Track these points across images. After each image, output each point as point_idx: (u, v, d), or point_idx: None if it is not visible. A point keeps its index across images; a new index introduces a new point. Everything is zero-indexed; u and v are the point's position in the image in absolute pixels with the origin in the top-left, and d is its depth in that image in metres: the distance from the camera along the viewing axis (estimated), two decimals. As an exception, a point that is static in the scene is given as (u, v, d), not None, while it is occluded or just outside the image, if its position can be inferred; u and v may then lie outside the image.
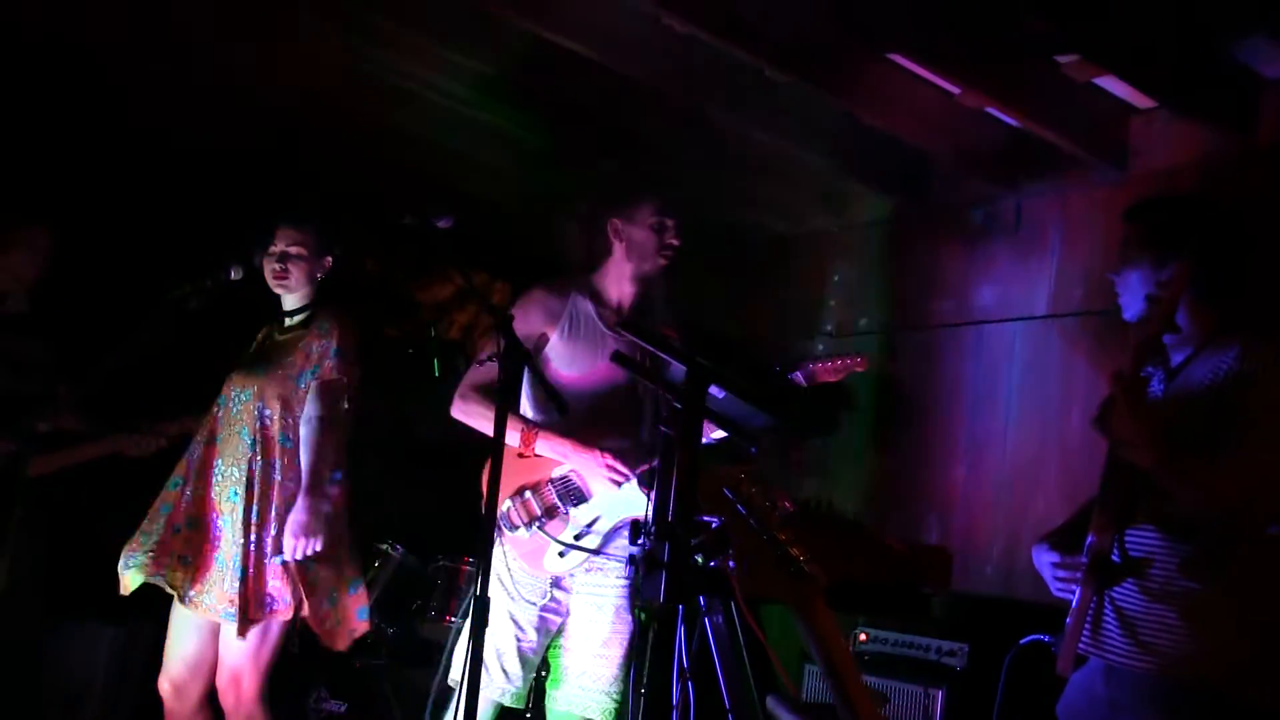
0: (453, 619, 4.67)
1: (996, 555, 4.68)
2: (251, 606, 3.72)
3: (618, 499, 3.62)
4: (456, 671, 3.63)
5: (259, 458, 3.82)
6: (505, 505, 3.68)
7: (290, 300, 4.02)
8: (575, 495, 3.68)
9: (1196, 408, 2.87)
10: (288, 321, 4.01)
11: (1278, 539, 2.82)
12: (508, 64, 4.50)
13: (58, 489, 4.55)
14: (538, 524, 3.65)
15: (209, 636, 3.83)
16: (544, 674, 3.84)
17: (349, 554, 3.94)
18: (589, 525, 3.65)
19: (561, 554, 3.63)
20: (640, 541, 2.76)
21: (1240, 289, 3.01)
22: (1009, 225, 4.91)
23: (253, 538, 3.76)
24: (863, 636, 4.40)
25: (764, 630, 2.55)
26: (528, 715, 4.06)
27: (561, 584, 3.71)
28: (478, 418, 3.73)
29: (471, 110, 4.86)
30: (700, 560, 2.58)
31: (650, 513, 2.70)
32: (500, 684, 3.62)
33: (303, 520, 3.74)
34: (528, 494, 3.69)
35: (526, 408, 3.83)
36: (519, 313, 3.81)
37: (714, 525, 2.43)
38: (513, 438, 3.65)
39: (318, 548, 3.74)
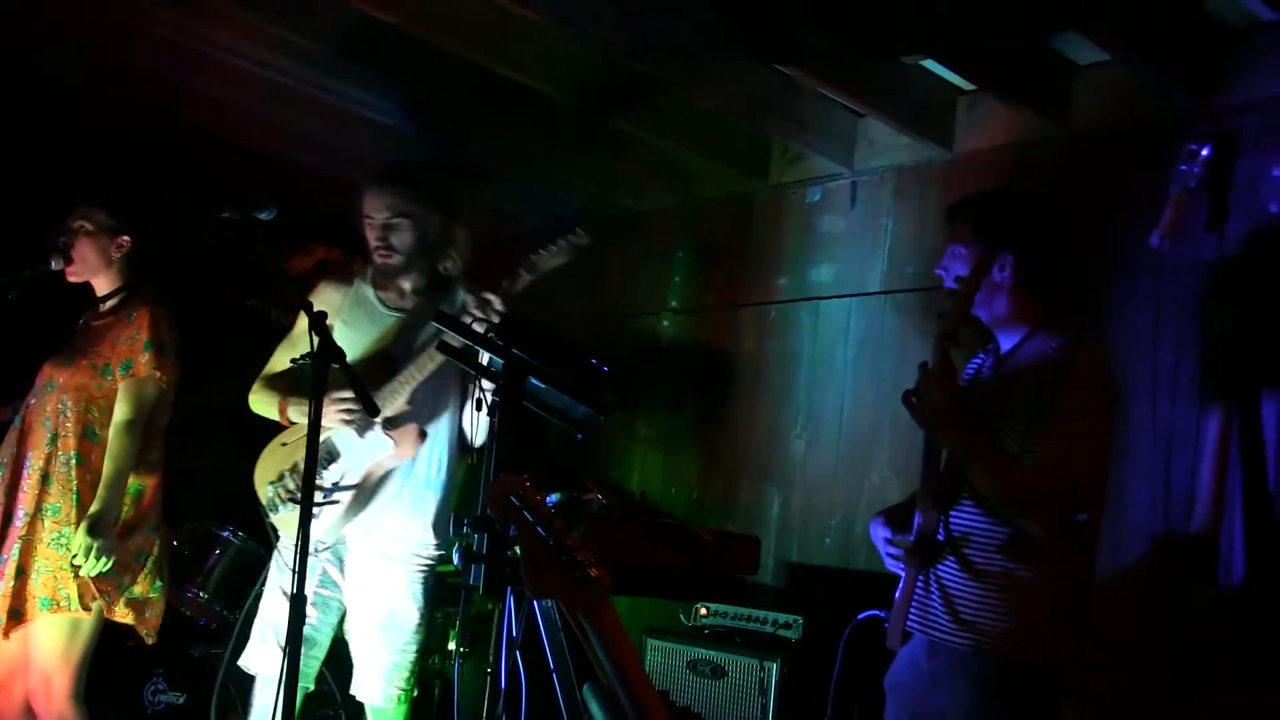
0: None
1: (834, 527, 4.79)
2: (28, 606, 3.65)
3: (360, 448, 3.63)
4: (247, 658, 3.69)
5: (58, 452, 3.75)
6: (269, 492, 3.72)
7: (101, 284, 3.93)
8: (327, 458, 3.68)
9: (1018, 394, 2.98)
10: (102, 307, 3.92)
11: (1086, 526, 2.96)
12: (346, 43, 4.44)
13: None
14: (292, 498, 3.67)
15: (21, 634, 3.74)
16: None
17: (155, 547, 3.90)
18: (337, 482, 3.65)
19: (319, 515, 3.63)
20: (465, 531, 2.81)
21: (1062, 278, 3.15)
22: (844, 204, 5.01)
23: (42, 536, 3.69)
24: (703, 611, 4.48)
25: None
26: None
27: (339, 565, 3.73)
28: (263, 407, 3.78)
29: (311, 89, 4.79)
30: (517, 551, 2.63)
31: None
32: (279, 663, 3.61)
33: (88, 538, 3.65)
34: (286, 475, 3.72)
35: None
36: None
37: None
38: (273, 412, 3.76)
39: (104, 568, 3.67)
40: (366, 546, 3.69)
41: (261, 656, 3.68)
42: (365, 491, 3.65)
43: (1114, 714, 3.40)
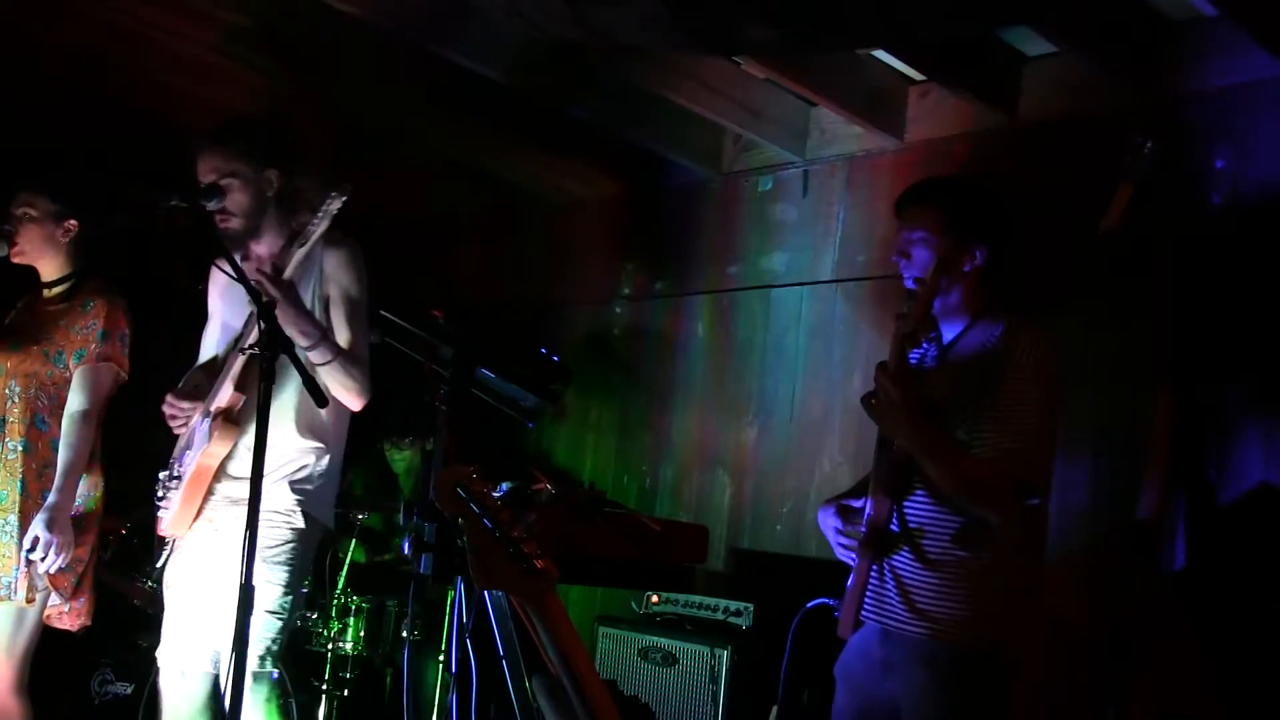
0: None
1: (785, 514, 4.82)
2: None
3: (199, 439, 3.47)
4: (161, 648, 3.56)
5: (5, 439, 3.71)
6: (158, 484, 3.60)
7: (47, 269, 3.89)
8: (186, 447, 3.57)
9: (964, 384, 3.01)
10: (48, 293, 3.88)
11: (1036, 512, 3.00)
12: (280, 22, 4.41)
13: None
14: (162, 493, 3.55)
15: None
16: None
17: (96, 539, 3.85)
18: (181, 471, 3.51)
19: (166, 510, 3.52)
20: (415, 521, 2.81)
21: (1010, 268, 3.18)
22: (796, 192, 5.03)
23: None
24: (654, 599, 4.50)
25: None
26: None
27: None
28: None
29: (249, 71, 4.74)
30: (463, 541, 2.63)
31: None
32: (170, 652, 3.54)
33: (48, 533, 3.59)
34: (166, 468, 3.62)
35: None
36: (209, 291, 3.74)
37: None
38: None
39: (64, 563, 3.62)
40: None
41: (165, 648, 3.55)
42: (203, 483, 3.47)
43: (1058, 698, 3.44)
